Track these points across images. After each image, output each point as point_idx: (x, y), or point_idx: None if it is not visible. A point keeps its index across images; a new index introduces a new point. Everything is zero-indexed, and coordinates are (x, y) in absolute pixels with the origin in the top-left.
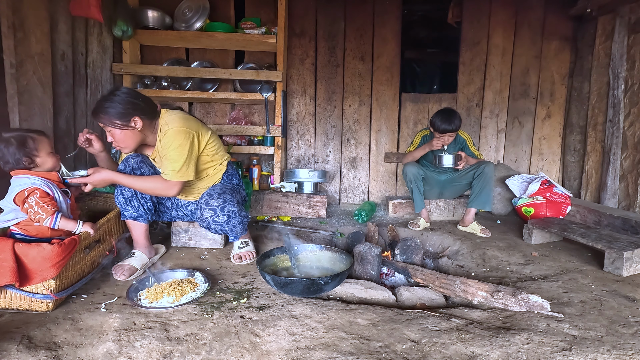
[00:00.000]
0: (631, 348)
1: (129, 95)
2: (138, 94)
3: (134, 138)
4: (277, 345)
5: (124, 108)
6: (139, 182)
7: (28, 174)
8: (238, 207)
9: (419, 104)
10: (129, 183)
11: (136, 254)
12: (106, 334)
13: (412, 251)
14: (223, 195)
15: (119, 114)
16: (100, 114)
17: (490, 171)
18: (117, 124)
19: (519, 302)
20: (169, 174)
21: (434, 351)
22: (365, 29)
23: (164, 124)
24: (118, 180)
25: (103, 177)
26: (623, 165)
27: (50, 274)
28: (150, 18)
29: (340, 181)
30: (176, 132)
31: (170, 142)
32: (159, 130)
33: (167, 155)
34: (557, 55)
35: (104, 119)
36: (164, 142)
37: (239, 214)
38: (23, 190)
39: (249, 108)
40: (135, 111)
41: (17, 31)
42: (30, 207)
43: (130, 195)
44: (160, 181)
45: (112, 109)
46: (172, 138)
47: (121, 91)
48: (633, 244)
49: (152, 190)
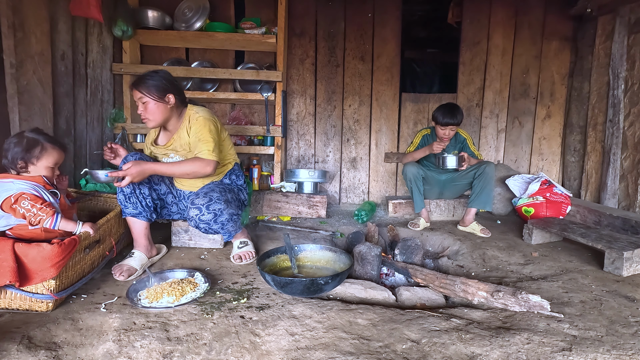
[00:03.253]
0: (631, 348)
1: (168, 76)
2: (175, 79)
3: (163, 113)
4: (277, 345)
5: (163, 83)
6: (177, 167)
7: (12, 178)
8: (226, 205)
9: (419, 103)
10: (167, 170)
11: (135, 254)
12: (106, 334)
13: (412, 251)
14: (210, 194)
15: (157, 86)
16: (141, 84)
17: (491, 171)
18: (154, 95)
19: (519, 302)
20: (205, 152)
21: (434, 351)
22: (365, 29)
23: (194, 112)
24: (156, 170)
25: (140, 169)
26: (623, 165)
27: (50, 273)
28: (150, 18)
29: (340, 181)
30: (207, 119)
31: (202, 127)
32: (188, 120)
33: (201, 138)
34: (557, 55)
35: (143, 88)
36: (195, 127)
37: (226, 212)
38: (9, 196)
39: (249, 108)
40: (172, 89)
41: (17, 31)
42: (27, 211)
43: (130, 192)
44: (197, 161)
45: (153, 80)
46: (204, 123)
47: (162, 72)
48: (633, 244)
49: (191, 170)
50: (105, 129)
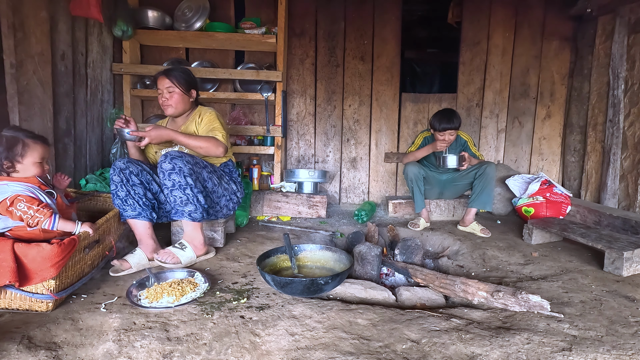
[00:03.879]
0: (631, 348)
1: (193, 73)
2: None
3: (184, 105)
4: (277, 345)
5: (192, 79)
6: (193, 140)
7: (7, 180)
8: (191, 172)
9: (419, 104)
10: (183, 140)
11: (136, 252)
12: (106, 334)
13: (412, 251)
14: (185, 157)
15: (187, 80)
16: (172, 74)
17: (492, 171)
18: (182, 87)
19: (519, 302)
20: (220, 136)
21: (434, 351)
22: (365, 29)
23: (205, 109)
24: (174, 137)
25: (160, 133)
26: (623, 165)
27: (50, 273)
28: (150, 18)
29: (340, 181)
30: (217, 114)
31: (214, 118)
32: (199, 114)
33: (215, 127)
34: (557, 55)
35: (174, 78)
36: (208, 117)
37: (186, 177)
38: (5, 199)
39: (249, 108)
40: (196, 85)
41: (17, 31)
42: (24, 214)
43: (125, 195)
44: (212, 139)
45: (186, 74)
46: (216, 116)
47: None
48: (633, 244)
49: (205, 145)
50: (105, 129)
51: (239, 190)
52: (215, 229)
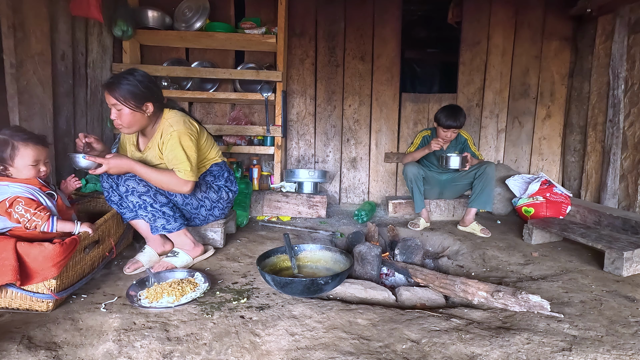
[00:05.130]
0: (631, 348)
1: (147, 79)
2: (154, 81)
3: (140, 122)
4: (277, 345)
5: (141, 90)
6: (156, 175)
7: (8, 181)
8: (156, 199)
9: (419, 104)
10: (145, 173)
11: (146, 250)
12: (106, 334)
13: (412, 251)
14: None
15: (135, 94)
16: (117, 89)
17: (492, 171)
18: (130, 104)
19: (519, 302)
20: (183, 172)
21: (434, 351)
22: (365, 29)
23: (168, 125)
24: (135, 169)
25: (120, 163)
26: (623, 165)
27: (51, 273)
28: (150, 18)
29: (340, 181)
30: (181, 133)
31: (176, 145)
32: (161, 134)
33: (177, 156)
34: (557, 55)
35: (119, 96)
36: (170, 143)
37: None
38: (4, 200)
39: (249, 108)
40: (150, 97)
41: (17, 31)
42: (21, 216)
43: (118, 200)
44: (176, 177)
45: (131, 87)
46: (179, 140)
47: (140, 74)
48: (633, 244)
49: (167, 184)
50: (105, 129)
51: (222, 198)
52: (215, 229)
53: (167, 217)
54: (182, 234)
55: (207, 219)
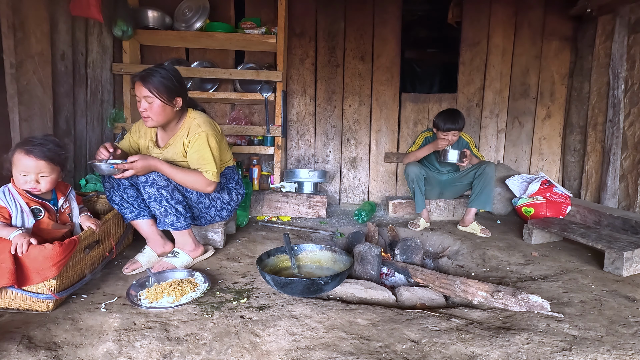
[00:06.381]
0: (631, 348)
1: (178, 74)
2: (183, 79)
3: (167, 116)
4: (277, 345)
5: (174, 84)
6: (180, 175)
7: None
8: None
9: (419, 104)
10: (171, 173)
11: (145, 250)
12: (106, 334)
13: (412, 251)
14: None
15: (168, 88)
16: (150, 82)
17: (492, 171)
18: (162, 97)
19: (519, 302)
20: (210, 173)
21: (434, 351)
22: (365, 29)
23: (196, 125)
24: (161, 168)
25: (146, 164)
26: (623, 165)
27: (51, 273)
28: (150, 18)
29: (340, 181)
30: (209, 135)
31: (204, 145)
32: (187, 131)
33: (205, 157)
34: (557, 55)
35: (152, 87)
36: (198, 143)
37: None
38: None
39: (249, 108)
40: (181, 92)
41: (17, 31)
42: None
43: (119, 200)
44: (202, 177)
45: (165, 80)
46: (207, 141)
47: (172, 68)
48: (633, 244)
49: (192, 183)
50: (105, 129)
51: (232, 200)
52: (215, 229)
53: (179, 214)
54: (187, 233)
55: (214, 219)
